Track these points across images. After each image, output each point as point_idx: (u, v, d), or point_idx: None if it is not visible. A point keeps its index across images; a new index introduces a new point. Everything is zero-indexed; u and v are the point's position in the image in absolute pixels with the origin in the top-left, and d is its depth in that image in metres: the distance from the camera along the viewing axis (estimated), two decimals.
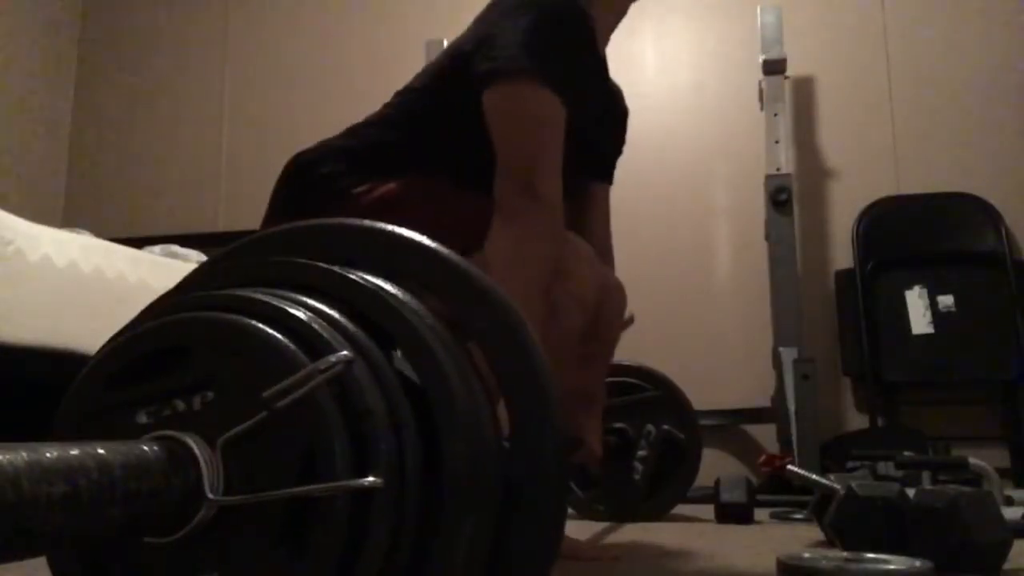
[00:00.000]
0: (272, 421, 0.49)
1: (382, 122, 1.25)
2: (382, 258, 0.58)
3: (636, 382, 1.99)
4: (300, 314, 0.52)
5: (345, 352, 0.50)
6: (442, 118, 1.20)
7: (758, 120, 2.88)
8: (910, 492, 1.20)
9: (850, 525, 1.21)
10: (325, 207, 1.16)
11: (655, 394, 1.98)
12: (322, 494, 0.47)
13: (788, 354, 2.51)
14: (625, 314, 1.40)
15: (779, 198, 2.66)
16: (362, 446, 0.48)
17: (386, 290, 0.55)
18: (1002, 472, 2.19)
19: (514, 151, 1.09)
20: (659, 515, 1.97)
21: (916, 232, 2.79)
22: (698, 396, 2.90)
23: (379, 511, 0.47)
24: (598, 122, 1.34)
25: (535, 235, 1.06)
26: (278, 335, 0.51)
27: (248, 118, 3.66)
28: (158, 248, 2.39)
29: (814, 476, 1.53)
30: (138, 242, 2.36)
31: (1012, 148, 2.83)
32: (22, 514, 0.38)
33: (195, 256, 2.42)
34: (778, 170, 2.70)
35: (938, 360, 2.64)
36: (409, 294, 0.55)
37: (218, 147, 3.67)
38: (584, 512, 1.98)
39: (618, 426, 1.93)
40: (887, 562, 0.97)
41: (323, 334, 0.51)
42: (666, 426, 1.96)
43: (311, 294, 0.55)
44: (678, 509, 2.20)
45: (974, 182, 2.80)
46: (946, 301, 2.68)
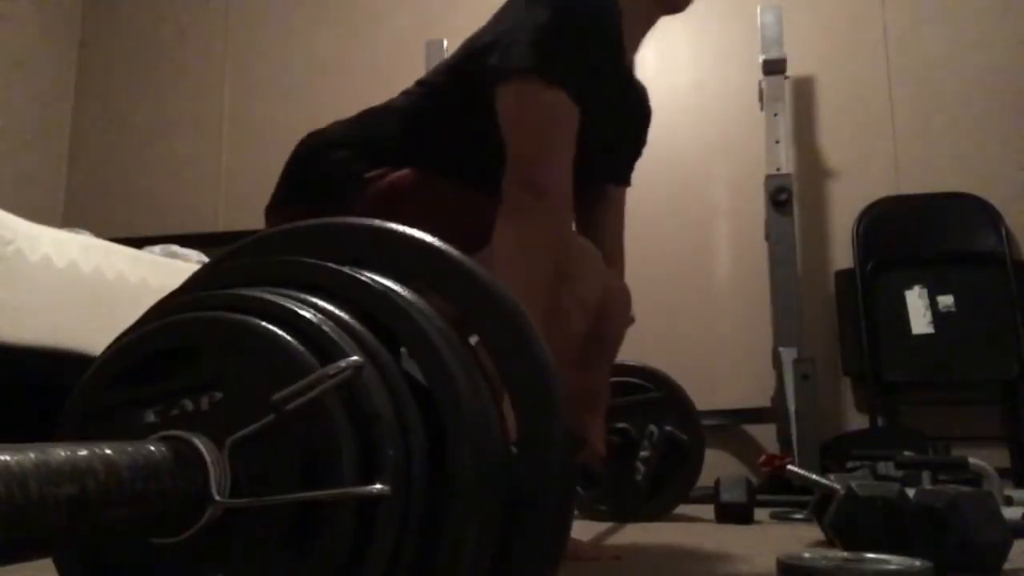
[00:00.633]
0: (280, 424, 0.49)
1: (398, 110, 1.25)
2: (388, 258, 0.58)
3: (639, 382, 1.99)
4: (309, 315, 0.52)
5: (355, 357, 0.50)
6: (455, 113, 1.20)
7: (758, 120, 2.88)
8: (910, 492, 1.20)
9: (850, 525, 1.21)
10: (336, 190, 1.17)
11: (658, 395, 1.98)
12: (329, 499, 0.47)
13: (788, 354, 2.51)
14: (629, 315, 1.40)
15: (779, 198, 2.66)
16: (370, 451, 0.48)
17: (394, 291, 0.55)
18: (1002, 472, 2.19)
19: (521, 148, 1.09)
20: (660, 515, 1.97)
21: (916, 232, 2.79)
22: (698, 396, 2.90)
23: (385, 517, 0.47)
24: (616, 123, 1.33)
25: (539, 232, 1.06)
26: (288, 337, 0.51)
27: (248, 118, 3.65)
28: (158, 248, 2.39)
29: (814, 476, 1.53)
30: (138, 242, 2.36)
31: (1012, 148, 2.83)
32: (30, 515, 0.38)
33: (195, 256, 2.42)
34: (778, 170, 2.70)
35: (938, 360, 2.64)
36: (416, 294, 0.56)
37: (218, 147, 3.67)
38: (586, 511, 1.98)
39: (621, 426, 1.93)
40: (887, 562, 0.97)
41: (332, 336, 0.51)
42: (669, 427, 1.96)
43: (318, 294, 0.55)
44: (678, 509, 2.20)
45: (974, 182, 2.80)
46: (946, 301, 2.68)
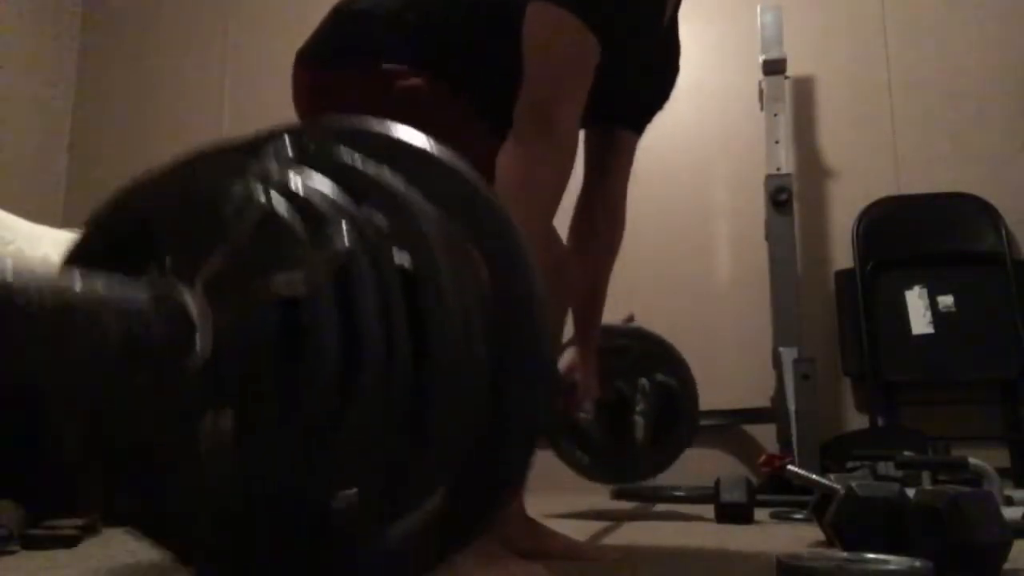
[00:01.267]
0: (270, 299, 0.49)
1: (442, 5, 1.24)
2: (400, 162, 0.58)
3: (623, 343, 2.00)
4: (311, 194, 0.53)
5: (347, 242, 0.50)
6: (482, 28, 1.20)
7: (758, 120, 2.88)
8: (910, 492, 1.20)
9: (850, 525, 1.21)
10: (361, 72, 1.18)
11: (643, 348, 1.99)
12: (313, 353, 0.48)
13: (788, 354, 2.51)
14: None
15: (779, 198, 2.66)
16: (354, 337, 0.49)
17: (390, 180, 0.55)
18: (1002, 472, 2.19)
19: (540, 78, 1.10)
20: (666, 466, 1.98)
21: (916, 232, 2.79)
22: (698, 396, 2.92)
23: (366, 407, 0.48)
24: (643, 71, 1.33)
25: (544, 161, 1.08)
26: (287, 211, 0.51)
27: (249, 115, 3.65)
28: None
29: (814, 476, 1.53)
30: None
31: (1012, 148, 2.83)
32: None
33: None
34: (778, 170, 2.70)
35: (938, 360, 2.64)
36: (415, 191, 0.56)
37: None
38: (595, 479, 1.99)
39: (616, 389, 1.95)
40: (887, 562, 0.97)
41: (331, 216, 0.52)
42: (659, 377, 1.96)
43: (326, 175, 0.55)
44: (678, 509, 2.20)
45: (974, 182, 2.80)
46: (946, 301, 2.68)
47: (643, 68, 1.33)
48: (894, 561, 0.97)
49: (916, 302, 2.71)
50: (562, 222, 1.33)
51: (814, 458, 2.31)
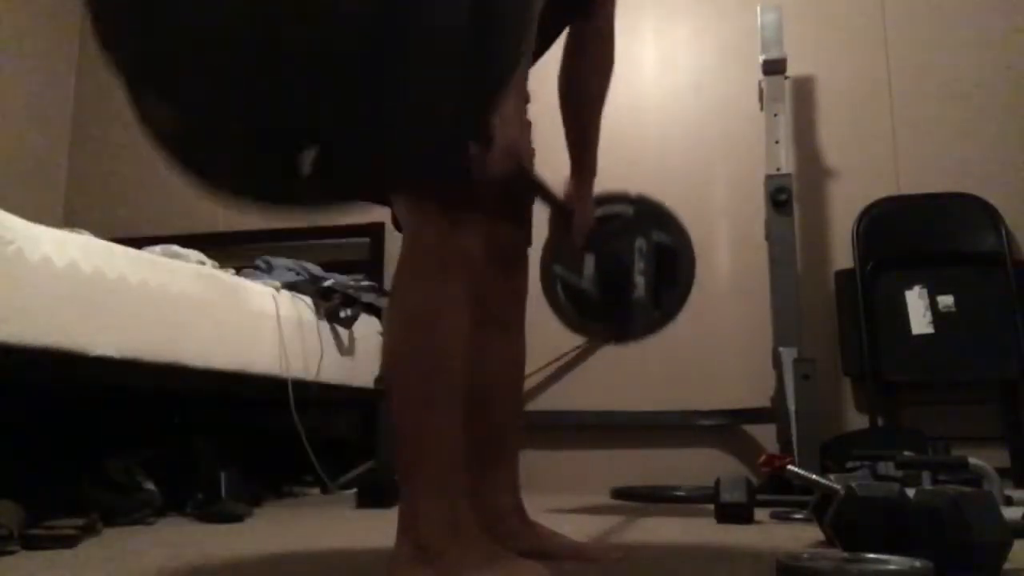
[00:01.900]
0: None
1: None
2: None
3: (618, 207, 2.03)
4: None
5: None
6: None
7: (758, 120, 2.88)
8: (910, 492, 1.20)
9: (850, 525, 1.21)
10: None
11: (637, 211, 2.02)
12: None
13: (788, 354, 2.50)
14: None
15: (779, 198, 2.65)
16: None
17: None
18: (1002, 472, 2.19)
19: None
20: (666, 322, 1.99)
21: (916, 232, 2.79)
22: (698, 396, 2.92)
23: None
24: None
25: None
26: None
27: None
28: (158, 248, 2.39)
29: (814, 476, 1.53)
30: (138, 242, 2.36)
31: (1012, 148, 2.83)
32: None
33: (195, 256, 2.42)
34: (778, 170, 2.70)
35: (938, 360, 2.64)
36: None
37: None
38: (598, 340, 2.04)
39: (611, 250, 1.97)
40: (887, 562, 0.97)
41: None
42: (654, 234, 1.99)
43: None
44: (678, 509, 2.20)
45: (974, 182, 2.80)
46: (946, 301, 2.68)
47: None
48: (894, 561, 0.97)
49: (916, 302, 2.71)
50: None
51: (814, 458, 2.31)
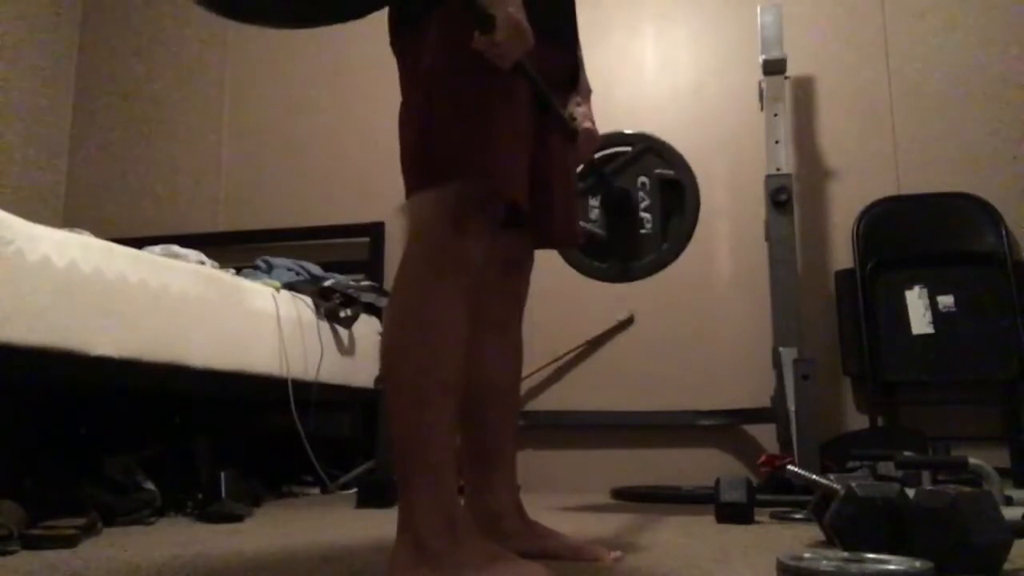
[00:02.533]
0: None
1: None
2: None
3: (617, 149, 2.07)
4: None
5: None
6: None
7: (758, 120, 2.88)
8: (910, 492, 1.20)
9: (850, 525, 1.21)
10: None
11: (637, 148, 2.06)
12: None
13: (788, 354, 2.50)
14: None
15: (779, 198, 2.65)
16: None
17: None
18: (1002, 472, 2.18)
19: None
20: (677, 254, 2.04)
21: (916, 232, 2.79)
22: (698, 396, 2.92)
23: None
24: None
25: None
26: None
27: (248, 119, 3.65)
28: (158, 248, 2.39)
29: (814, 476, 1.53)
30: (138, 242, 2.36)
31: (1012, 148, 2.83)
32: None
33: (195, 256, 2.42)
34: (778, 170, 2.70)
35: (938, 360, 2.64)
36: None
37: (218, 147, 3.67)
38: (611, 280, 2.10)
39: (618, 187, 2.01)
40: (887, 562, 0.97)
41: None
42: (657, 170, 2.04)
43: None
44: (678, 509, 2.20)
45: (974, 182, 2.80)
46: (946, 301, 2.68)
47: None
48: (894, 561, 0.97)
49: (916, 302, 2.71)
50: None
51: (814, 458, 2.30)
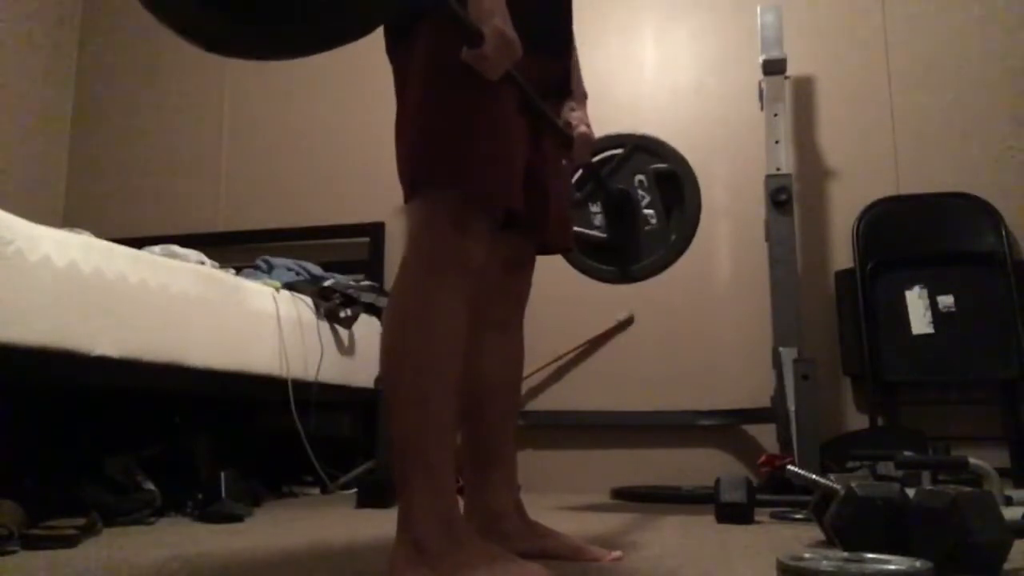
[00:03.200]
0: None
1: None
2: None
3: (610, 152, 2.07)
4: None
5: None
6: None
7: (758, 120, 2.88)
8: (910, 492, 1.20)
9: (850, 525, 1.21)
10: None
11: (631, 147, 2.07)
12: None
13: (788, 354, 2.50)
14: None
15: (779, 198, 2.65)
16: None
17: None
18: (1002, 472, 2.19)
19: None
20: (686, 246, 2.04)
21: (916, 232, 2.79)
22: (698, 396, 2.92)
23: None
24: None
25: None
26: None
27: (248, 119, 3.66)
28: (158, 248, 2.39)
29: (814, 476, 1.53)
30: (138, 242, 2.36)
31: (1012, 148, 2.83)
32: None
33: (195, 256, 2.42)
34: (778, 170, 2.70)
35: (938, 360, 2.64)
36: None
37: (218, 148, 3.67)
38: (623, 281, 2.10)
39: (617, 188, 2.02)
40: (887, 562, 0.97)
41: None
42: (652, 166, 2.05)
43: None
44: (678, 509, 2.20)
45: (974, 182, 2.80)
46: (946, 301, 2.68)
47: None
48: (894, 561, 0.97)
49: (916, 302, 2.71)
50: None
51: (814, 458, 2.30)
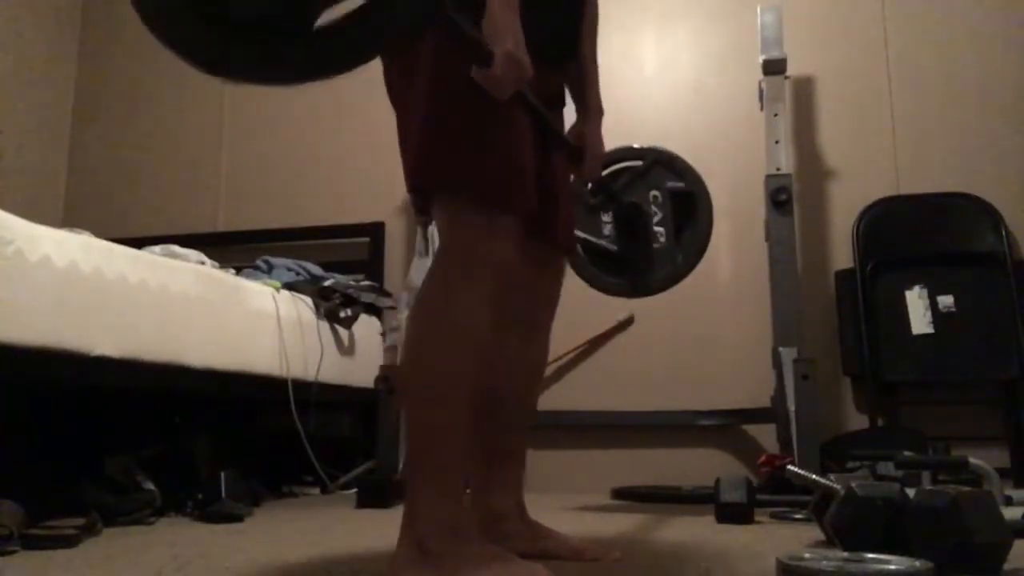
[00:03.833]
0: None
1: None
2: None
3: (625, 165, 2.06)
4: None
5: None
6: None
7: (758, 120, 2.88)
8: (910, 492, 1.20)
9: (850, 525, 1.21)
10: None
11: (646, 162, 2.06)
12: None
13: (788, 354, 2.50)
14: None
15: (779, 198, 2.65)
16: None
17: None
18: (1002, 472, 2.18)
19: None
20: (693, 265, 2.06)
21: (916, 232, 2.79)
22: (698, 396, 2.92)
23: None
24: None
25: None
26: None
27: (248, 119, 3.65)
28: (158, 248, 2.39)
29: (814, 476, 1.53)
30: (138, 242, 2.36)
31: (1012, 148, 2.83)
32: None
33: (195, 256, 2.42)
34: (778, 170, 2.70)
35: (938, 360, 2.64)
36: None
37: (218, 147, 3.67)
38: (632, 295, 2.11)
39: (629, 202, 2.00)
40: (887, 562, 0.97)
41: None
42: (668, 183, 2.03)
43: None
44: (678, 509, 2.20)
45: (974, 182, 2.80)
46: (946, 301, 2.68)
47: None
48: (894, 561, 0.97)
49: (916, 302, 2.71)
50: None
51: (814, 458, 2.30)
